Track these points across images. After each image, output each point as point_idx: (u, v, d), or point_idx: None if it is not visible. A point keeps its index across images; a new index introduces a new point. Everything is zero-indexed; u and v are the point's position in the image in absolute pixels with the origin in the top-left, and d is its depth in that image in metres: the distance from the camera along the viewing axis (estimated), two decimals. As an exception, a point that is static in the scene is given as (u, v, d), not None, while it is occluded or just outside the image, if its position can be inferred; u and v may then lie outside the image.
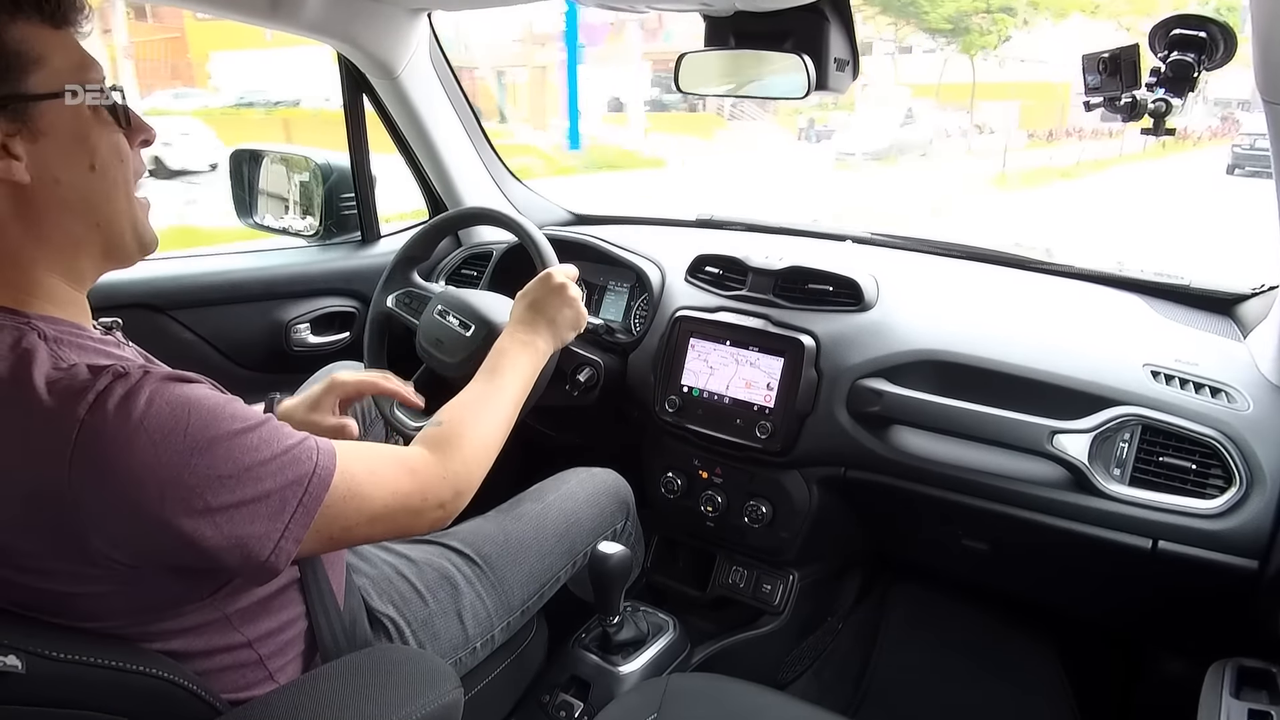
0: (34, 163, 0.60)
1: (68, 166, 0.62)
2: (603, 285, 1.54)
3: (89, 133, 0.63)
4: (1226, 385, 1.01)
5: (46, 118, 0.60)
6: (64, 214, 0.63)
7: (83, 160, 0.63)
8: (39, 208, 0.61)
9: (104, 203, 0.65)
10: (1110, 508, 0.99)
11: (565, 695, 1.12)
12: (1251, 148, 12.22)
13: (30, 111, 0.59)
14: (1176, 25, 0.91)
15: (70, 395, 0.55)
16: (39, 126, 0.60)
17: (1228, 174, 12.49)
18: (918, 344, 1.15)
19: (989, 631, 1.51)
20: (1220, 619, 1.04)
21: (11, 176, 0.59)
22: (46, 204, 0.61)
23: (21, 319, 0.61)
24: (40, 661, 0.57)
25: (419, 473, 0.74)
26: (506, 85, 14.88)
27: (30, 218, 0.61)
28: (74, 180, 0.62)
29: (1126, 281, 1.32)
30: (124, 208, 0.66)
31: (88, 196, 0.63)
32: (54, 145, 0.61)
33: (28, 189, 0.60)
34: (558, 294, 1.02)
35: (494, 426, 0.86)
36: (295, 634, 0.77)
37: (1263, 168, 1.11)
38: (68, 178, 0.62)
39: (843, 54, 1.09)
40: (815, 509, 1.23)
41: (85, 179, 0.63)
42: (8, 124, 0.58)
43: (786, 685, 1.39)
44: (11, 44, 0.58)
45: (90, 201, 0.64)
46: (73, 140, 0.62)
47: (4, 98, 0.58)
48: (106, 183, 0.64)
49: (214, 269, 1.47)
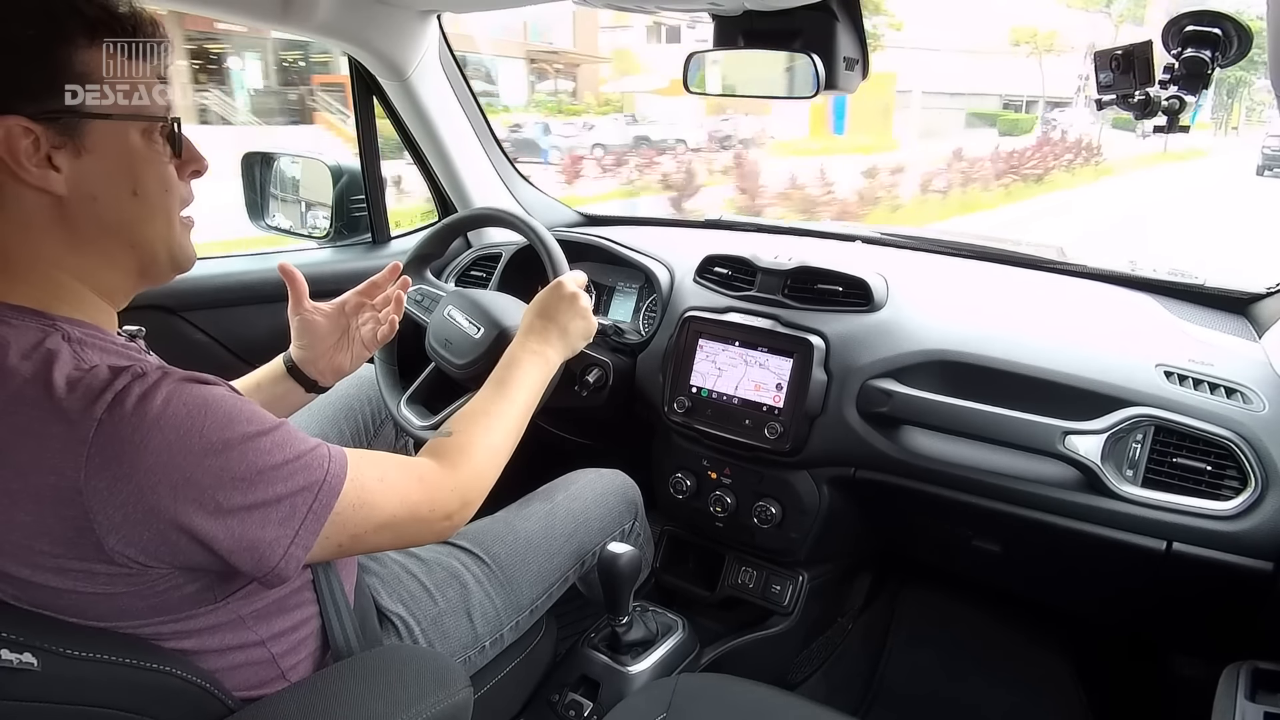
0: (74, 177, 0.61)
1: (108, 187, 0.63)
2: (612, 286, 1.54)
3: (135, 159, 0.64)
4: (1241, 385, 1.00)
5: (93, 136, 0.61)
6: (98, 231, 0.64)
7: (124, 184, 0.64)
8: (74, 221, 0.63)
9: (140, 225, 0.66)
10: (1123, 509, 0.98)
11: (574, 695, 1.12)
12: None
13: (79, 128, 0.61)
14: (1190, 22, 0.91)
15: (89, 395, 0.56)
16: (85, 144, 0.61)
17: (1258, 175, 12.29)
18: (927, 344, 1.14)
19: (999, 633, 1.50)
20: (1235, 621, 1.03)
21: (48, 187, 0.60)
22: (82, 218, 0.63)
23: (47, 321, 0.62)
24: (55, 659, 0.58)
25: (428, 482, 0.75)
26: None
27: (66, 229, 0.63)
28: (112, 201, 0.64)
29: (1139, 281, 1.31)
30: (162, 232, 0.68)
31: (124, 218, 0.65)
32: (97, 164, 0.62)
33: (65, 202, 0.61)
34: (570, 304, 1.02)
35: (503, 437, 0.86)
36: (308, 633, 0.78)
37: None
38: (106, 197, 0.63)
39: (852, 53, 1.09)
40: (825, 510, 1.23)
41: (124, 201, 0.64)
42: (55, 136, 0.60)
43: (796, 686, 1.39)
44: (79, 64, 0.60)
45: (126, 223, 0.65)
46: (117, 163, 0.63)
47: (56, 111, 0.59)
48: (146, 209, 0.66)
49: (226, 271, 1.49)
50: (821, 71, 1.06)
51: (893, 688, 1.47)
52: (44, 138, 0.59)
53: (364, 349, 1.05)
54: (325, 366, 1.02)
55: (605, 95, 18.66)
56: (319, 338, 1.01)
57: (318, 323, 1.01)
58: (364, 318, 1.05)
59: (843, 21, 1.06)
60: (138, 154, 0.64)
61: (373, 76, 1.49)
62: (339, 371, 1.03)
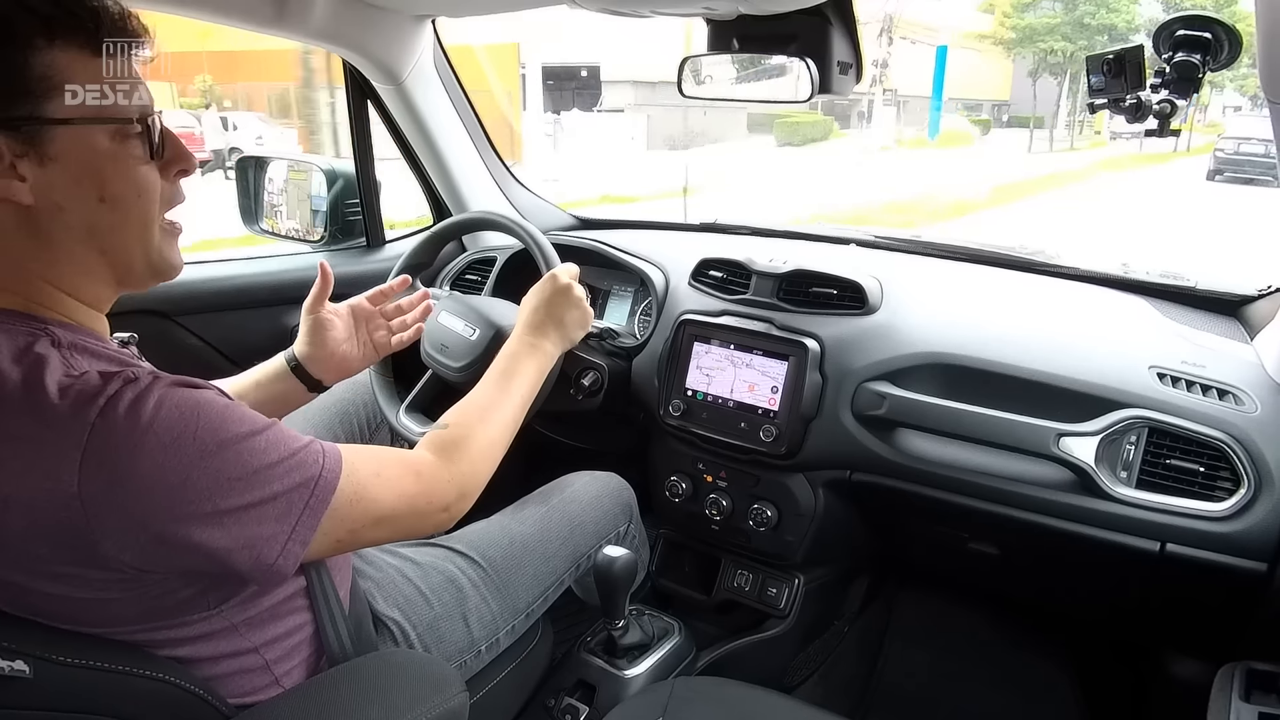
0: (39, 186, 0.59)
1: (73, 195, 0.61)
2: (607, 290, 1.54)
3: (104, 165, 0.62)
4: (1234, 387, 1.01)
5: (58, 144, 0.59)
6: (68, 239, 0.62)
7: (91, 191, 0.61)
8: (44, 230, 0.61)
9: (111, 233, 0.64)
10: (1117, 510, 0.98)
11: (571, 699, 1.12)
12: (1236, 152, 11.87)
13: (42, 135, 0.58)
14: (1181, 26, 0.91)
15: (81, 401, 0.56)
16: (48, 151, 0.59)
17: (1208, 180, 12.01)
18: (922, 347, 1.14)
19: (996, 635, 1.50)
20: (1229, 622, 1.03)
21: (13, 196, 0.58)
22: (50, 228, 0.61)
23: (38, 324, 0.61)
24: (47, 666, 0.58)
25: (424, 476, 0.75)
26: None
27: (36, 238, 0.61)
28: (79, 209, 0.61)
29: (1132, 283, 1.32)
30: (136, 238, 0.65)
31: (94, 226, 0.63)
32: (62, 172, 0.60)
33: (32, 210, 0.60)
34: (564, 295, 1.02)
35: (500, 430, 0.86)
36: (302, 639, 0.77)
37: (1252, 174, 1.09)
38: (72, 206, 0.61)
39: (846, 57, 1.10)
40: (821, 512, 1.23)
41: (92, 209, 0.62)
42: (17, 144, 0.58)
43: (793, 689, 1.39)
44: (38, 68, 0.57)
45: (96, 231, 0.63)
46: (83, 170, 0.61)
47: (17, 119, 0.57)
48: (118, 215, 0.63)
49: (221, 275, 1.48)
50: (816, 75, 1.07)
51: (889, 690, 1.47)
52: (5, 147, 0.57)
53: (374, 353, 1.07)
54: (332, 367, 1.03)
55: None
56: (331, 338, 1.02)
57: (333, 322, 1.03)
58: (375, 324, 1.08)
59: (836, 26, 1.07)
60: (106, 158, 0.61)
61: (367, 81, 1.49)
62: (345, 372, 1.05)
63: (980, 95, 24.30)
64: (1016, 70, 23.46)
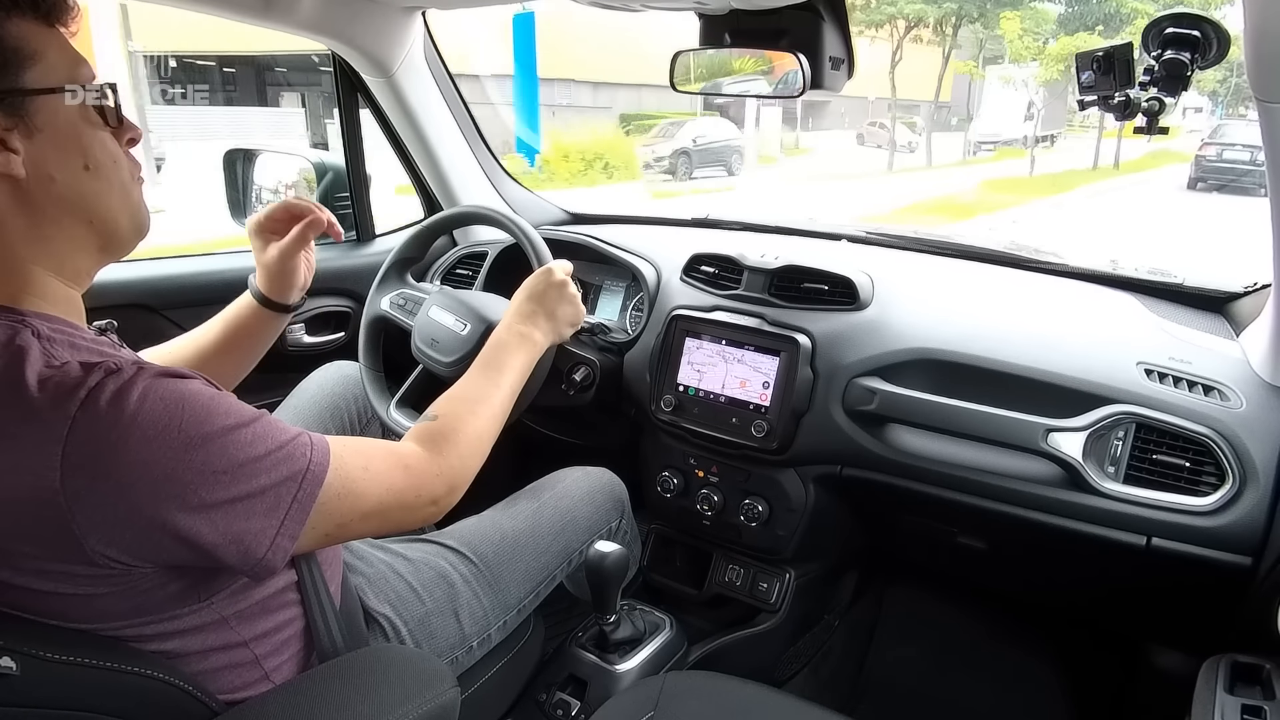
0: (30, 158, 0.60)
1: (62, 165, 0.62)
2: (598, 285, 1.54)
3: (81, 132, 0.63)
4: (1219, 383, 1.02)
5: (43, 114, 0.60)
6: (60, 211, 0.63)
7: (76, 159, 0.63)
8: (35, 204, 0.61)
9: (97, 200, 0.65)
10: (1104, 505, 0.99)
11: (562, 694, 1.12)
12: (1219, 159, 11.28)
13: (27, 107, 0.59)
14: (1170, 24, 0.92)
15: (62, 393, 0.55)
16: (35, 123, 0.60)
17: (1189, 189, 11.32)
18: (913, 342, 1.15)
19: (984, 629, 1.52)
20: (1214, 615, 1.05)
21: (9, 170, 0.59)
22: (43, 200, 0.61)
23: (16, 316, 0.60)
24: (34, 662, 0.57)
25: (413, 468, 0.75)
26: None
27: (28, 214, 0.61)
28: (68, 179, 0.62)
29: (1120, 280, 1.32)
30: (120, 202, 0.66)
31: (82, 194, 0.63)
32: (49, 142, 0.61)
33: (24, 185, 0.60)
34: (559, 289, 1.02)
35: (489, 420, 0.86)
36: (292, 634, 0.77)
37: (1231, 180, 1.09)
38: (62, 176, 0.62)
39: (838, 52, 1.09)
40: (811, 507, 1.23)
41: (79, 177, 0.63)
42: (5, 118, 0.58)
43: (783, 683, 1.39)
44: (9, 39, 0.58)
45: (85, 199, 0.64)
46: (67, 139, 0.62)
47: (2, 92, 0.58)
48: (100, 182, 0.64)
49: (208, 268, 1.47)
50: (808, 71, 1.07)
51: (879, 684, 1.48)
52: None
53: (308, 263, 1.03)
54: (288, 284, 0.99)
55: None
56: (282, 255, 0.98)
57: (280, 240, 0.98)
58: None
59: (828, 21, 1.06)
60: (83, 127, 0.63)
61: (357, 73, 1.48)
62: (300, 286, 1.01)
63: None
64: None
